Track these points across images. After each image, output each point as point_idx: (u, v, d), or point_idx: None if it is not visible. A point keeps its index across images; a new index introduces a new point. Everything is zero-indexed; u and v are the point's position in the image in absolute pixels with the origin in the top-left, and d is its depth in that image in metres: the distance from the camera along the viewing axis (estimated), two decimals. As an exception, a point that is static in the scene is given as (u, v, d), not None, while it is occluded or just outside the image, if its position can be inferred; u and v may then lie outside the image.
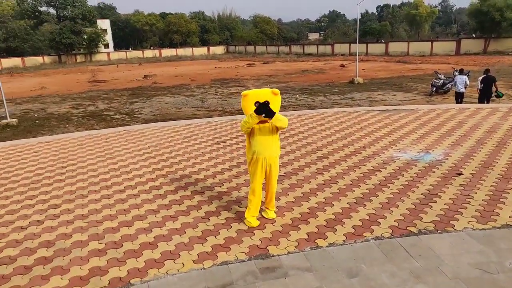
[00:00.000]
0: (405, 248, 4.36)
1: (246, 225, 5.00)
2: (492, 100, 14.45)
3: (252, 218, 5.04)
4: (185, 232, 4.89)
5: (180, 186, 6.47)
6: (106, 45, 68.68)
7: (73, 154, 8.69)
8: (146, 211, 5.54)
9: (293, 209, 5.44)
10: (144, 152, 8.52)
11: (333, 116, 11.54)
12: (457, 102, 15.00)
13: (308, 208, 5.45)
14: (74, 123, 14.81)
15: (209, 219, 5.23)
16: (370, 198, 5.72)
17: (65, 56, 59.50)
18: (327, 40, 71.34)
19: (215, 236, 4.77)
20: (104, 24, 71.37)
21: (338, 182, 6.37)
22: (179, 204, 5.74)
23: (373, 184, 6.22)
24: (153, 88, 24.94)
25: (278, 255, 4.33)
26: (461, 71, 15.40)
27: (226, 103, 17.96)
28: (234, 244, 4.59)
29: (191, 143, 9.13)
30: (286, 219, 5.15)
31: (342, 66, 36.18)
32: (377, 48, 52.60)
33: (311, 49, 62.48)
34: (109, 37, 71.58)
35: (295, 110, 14.96)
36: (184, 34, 74.44)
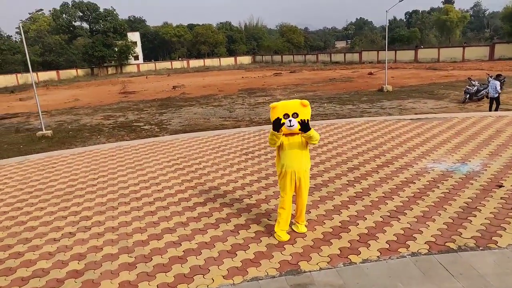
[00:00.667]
0: (445, 266, 4.14)
1: (276, 239, 4.89)
2: None
3: (282, 232, 4.93)
4: (215, 246, 4.84)
5: (209, 198, 6.44)
6: (136, 57, 70.60)
7: (104, 165, 8.84)
8: (175, 224, 5.53)
9: (324, 223, 5.30)
10: (173, 164, 8.57)
11: (363, 126, 11.31)
12: (490, 108, 14.44)
13: (339, 222, 5.30)
14: (105, 134, 15.12)
15: (239, 233, 5.15)
16: (404, 211, 5.51)
17: (97, 68, 61.49)
18: (354, 48, 70.61)
19: (245, 251, 4.69)
20: (134, 36, 73.45)
21: (370, 194, 6.18)
22: (208, 217, 5.70)
23: (406, 197, 6.00)
24: (181, 99, 25.25)
25: (310, 271, 4.21)
26: (498, 76, 14.86)
27: (253, 113, 17.95)
28: (264, 259, 4.49)
29: (220, 154, 9.12)
30: (317, 233, 5.01)
31: (370, 74, 35.62)
32: (406, 55, 51.54)
33: (338, 57, 62.02)
34: (138, 49, 73.61)
35: (324, 119, 14.77)
36: (211, 44, 75.57)
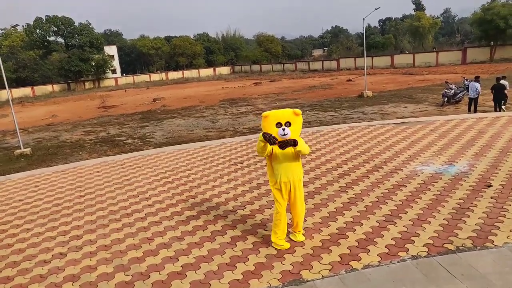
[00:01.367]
0: (445, 268, 4.15)
1: (277, 248, 4.82)
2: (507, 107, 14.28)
3: (281, 241, 4.88)
4: (213, 259, 4.74)
5: (202, 210, 6.34)
6: (114, 71, 69.73)
7: (90, 182, 8.62)
8: (170, 239, 5.41)
9: (321, 230, 5.27)
10: (161, 177, 8.43)
11: (348, 132, 11.40)
12: (469, 109, 14.80)
13: (336, 229, 5.28)
14: (87, 150, 14.81)
15: (236, 244, 5.07)
16: (399, 215, 5.54)
17: (74, 83, 60.37)
18: (331, 55, 71.54)
19: (245, 262, 4.61)
20: (111, 50, 72.66)
21: (363, 199, 6.20)
22: (203, 230, 5.60)
23: (400, 200, 6.04)
24: (162, 111, 25.02)
25: (313, 280, 4.16)
26: (477, 78, 15.28)
27: (237, 123, 17.90)
28: (265, 270, 4.42)
29: (208, 166, 9.02)
30: (315, 241, 4.98)
31: (349, 80, 36.14)
32: (382, 61, 52.61)
33: (316, 65, 62.74)
34: (116, 63, 72.76)
35: (308, 127, 14.83)
36: (189, 56, 75.33)
